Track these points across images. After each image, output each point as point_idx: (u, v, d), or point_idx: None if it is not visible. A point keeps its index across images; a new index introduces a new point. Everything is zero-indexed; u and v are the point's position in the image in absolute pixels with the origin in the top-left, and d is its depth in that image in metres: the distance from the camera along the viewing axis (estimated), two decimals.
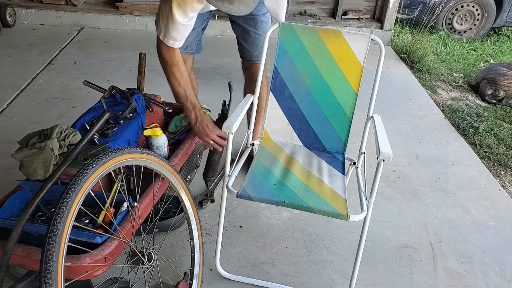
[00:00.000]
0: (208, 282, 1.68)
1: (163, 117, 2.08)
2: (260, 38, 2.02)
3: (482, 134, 2.98)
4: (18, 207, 1.43)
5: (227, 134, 1.54)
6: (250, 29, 2.00)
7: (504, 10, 5.15)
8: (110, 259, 1.26)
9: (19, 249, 1.22)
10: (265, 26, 2.01)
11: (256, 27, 2.00)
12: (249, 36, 2.03)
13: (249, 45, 2.05)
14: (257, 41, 2.03)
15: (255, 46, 2.05)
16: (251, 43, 2.04)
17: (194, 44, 2.10)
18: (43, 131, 1.53)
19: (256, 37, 2.02)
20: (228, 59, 3.85)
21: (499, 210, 2.23)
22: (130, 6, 4.41)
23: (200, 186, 2.19)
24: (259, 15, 1.97)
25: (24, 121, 2.63)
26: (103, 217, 1.36)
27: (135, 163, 1.33)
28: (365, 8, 4.70)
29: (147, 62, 2.06)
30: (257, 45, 2.04)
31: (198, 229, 1.62)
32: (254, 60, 2.09)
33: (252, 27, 2.00)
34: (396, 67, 4.01)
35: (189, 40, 2.00)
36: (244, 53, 2.11)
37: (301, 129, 1.86)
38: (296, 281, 1.72)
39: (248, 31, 2.02)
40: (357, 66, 1.76)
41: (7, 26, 4.00)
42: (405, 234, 2.02)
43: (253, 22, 1.99)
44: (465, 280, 1.80)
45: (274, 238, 1.92)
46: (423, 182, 2.40)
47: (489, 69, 3.78)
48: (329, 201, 1.47)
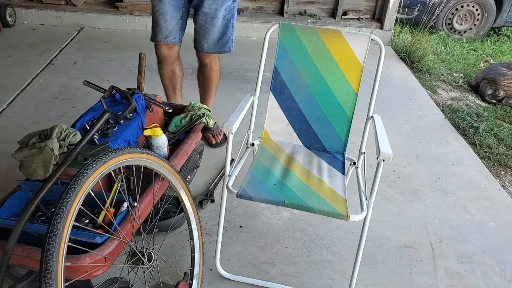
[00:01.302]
0: (208, 282, 1.68)
1: (163, 117, 2.08)
2: (210, 32, 2.16)
3: (482, 134, 2.98)
4: (18, 207, 1.43)
5: (227, 134, 1.53)
6: (202, 23, 2.14)
7: (504, 10, 5.15)
8: (110, 259, 1.26)
9: (19, 249, 1.22)
10: (217, 22, 2.13)
11: (207, 21, 2.13)
12: (200, 29, 2.18)
13: (200, 37, 2.20)
14: (208, 35, 2.18)
15: (205, 39, 2.20)
16: (201, 36, 2.20)
17: (175, 33, 2.18)
18: (43, 131, 1.53)
19: (207, 31, 2.17)
20: (228, 59, 3.85)
21: (499, 210, 2.23)
22: (130, 6, 4.41)
23: (200, 186, 2.20)
24: (212, 11, 2.11)
25: (24, 121, 2.63)
26: (103, 217, 1.36)
27: (135, 163, 1.33)
28: (365, 8, 4.70)
29: (147, 62, 2.07)
30: (208, 38, 2.18)
31: (198, 229, 1.62)
32: (204, 51, 2.25)
33: (203, 21, 2.13)
34: (396, 67, 4.01)
35: (169, 28, 2.13)
36: (195, 43, 2.26)
37: (301, 129, 1.86)
38: (296, 281, 1.72)
39: (201, 25, 2.16)
40: (357, 66, 1.76)
41: (7, 26, 4.00)
42: (405, 234, 2.02)
43: (204, 17, 2.13)
44: (465, 280, 1.80)
45: (274, 238, 1.92)
46: (423, 182, 2.40)
47: (489, 69, 3.78)
48: (329, 201, 1.47)
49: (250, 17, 4.56)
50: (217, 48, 2.23)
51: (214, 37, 2.18)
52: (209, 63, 2.31)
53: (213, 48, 2.22)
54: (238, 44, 4.29)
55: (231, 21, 2.19)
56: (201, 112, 2.06)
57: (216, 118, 2.48)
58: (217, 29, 2.16)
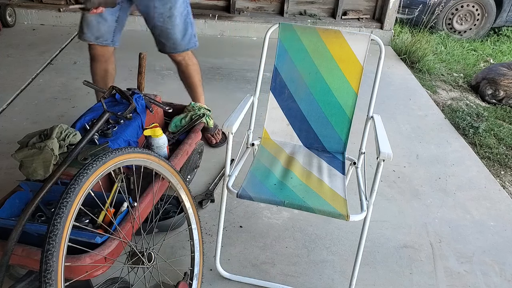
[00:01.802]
0: (208, 282, 1.68)
1: (163, 117, 2.08)
2: (171, 33, 2.10)
3: (482, 134, 2.98)
4: (18, 207, 1.43)
5: (227, 134, 1.53)
6: (160, 25, 2.08)
7: (504, 10, 5.15)
8: (110, 259, 1.26)
9: (19, 249, 1.22)
10: (175, 20, 2.07)
11: (165, 22, 2.07)
12: (161, 31, 2.11)
13: (164, 39, 2.14)
14: (170, 36, 2.11)
15: (169, 40, 2.13)
16: (164, 38, 2.13)
17: (108, 35, 2.11)
18: (43, 131, 1.53)
19: (168, 32, 2.10)
20: (228, 59, 3.85)
21: (499, 210, 2.23)
22: None
23: (200, 186, 2.20)
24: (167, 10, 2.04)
25: (24, 121, 2.63)
26: (103, 217, 1.36)
27: (135, 163, 1.33)
28: (365, 8, 4.70)
29: (147, 62, 2.07)
30: (171, 39, 2.12)
31: (198, 229, 1.62)
32: (172, 52, 2.18)
33: (161, 22, 2.07)
34: (396, 67, 4.01)
35: (101, 31, 2.06)
36: (159, 46, 2.20)
37: (301, 129, 1.86)
38: (296, 281, 1.72)
39: (160, 27, 2.09)
40: (357, 66, 1.76)
41: (7, 26, 3.99)
42: (405, 234, 2.02)
43: (160, 18, 2.06)
44: (465, 280, 1.80)
45: (274, 238, 1.92)
46: (423, 182, 2.40)
47: (489, 69, 3.78)
48: (329, 201, 1.47)
49: (250, 17, 4.56)
50: (183, 46, 2.16)
51: (177, 36, 2.11)
52: (182, 60, 2.25)
53: (180, 47, 2.15)
54: (238, 44, 4.31)
55: (188, 16, 2.12)
56: (201, 112, 2.07)
57: (216, 118, 2.48)
58: (177, 28, 2.09)
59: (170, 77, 3.34)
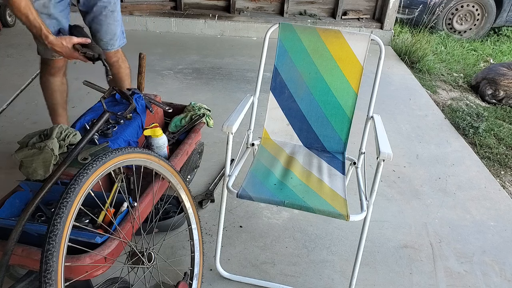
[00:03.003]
0: (208, 282, 1.68)
1: (163, 117, 2.08)
2: (112, 27, 2.00)
3: (482, 134, 2.98)
4: (18, 207, 1.43)
5: (227, 134, 1.53)
6: (103, 19, 1.97)
7: (504, 10, 5.15)
8: (110, 259, 1.26)
9: (19, 249, 1.22)
10: (117, 15, 2.00)
11: (108, 16, 1.97)
12: (102, 26, 1.99)
13: (103, 35, 2.01)
14: (111, 30, 2.01)
15: (109, 35, 2.02)
16: (103, 32, 2.01)
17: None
18: (43, 131, 1.53)
19: (109, 26, 2.00)
20: (228, 59, 3.85)
21: (499, 210, 2.23)
22: (130, 6, 4.41)
23: (200, 186, 2.20)
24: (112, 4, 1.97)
25: (24, 121, 2.63)
26: (103, 217, 1.36)
27: (135, 163, 1.33)
28: (365, 8, 4.70)
29: (147, 62, 2.06)
30: (111, 33, 2.01)
31: (198, 229, 1.62)
32: (109, 48, 2.06)
33: (104, 17, 1.96)
34: (396, 67, 4.01)
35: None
36: (99, 44, 2.05)
37: (301, 129, 1.86)
38: (296, 281, 1.72)
39: (102, 21, 1.98)
40: (357, 66, 1.76)
41: (7, 26, 4.00)
42: (405, 234, 2.02)
43: (104, 11, 1.96)
44: (465, 280, 1.80)
45: (274, 238, 1.92)
46: (423, 182, 2.40)
47: (489, 69, 3.78)
48: (329, 201, 1.47)
49: (250, 17, 4.56)
50: (120, 42, 2.07)
51: (117, 30, 2.03)
52: (116, 61, 2.13)
53: (118, 42, 2.06)
54: (238, 44, 4.31)
55: (120, 11, 2.05)
56: (201, 112, 2.07)
57: (216, 118, 2.48)
58: (118, 22, 2.02)
59: (170, 77, 3.35)
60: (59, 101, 2.14)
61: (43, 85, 2.12)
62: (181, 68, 3.55)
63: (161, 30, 4.42)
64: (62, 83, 2.13)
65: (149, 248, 1.35)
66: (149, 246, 1.36)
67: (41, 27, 1.64)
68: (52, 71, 2.07)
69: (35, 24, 1.64)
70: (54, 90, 2.11)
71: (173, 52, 3.87)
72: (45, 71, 2.09)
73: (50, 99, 2.14)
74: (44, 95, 2.15)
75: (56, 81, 2.10)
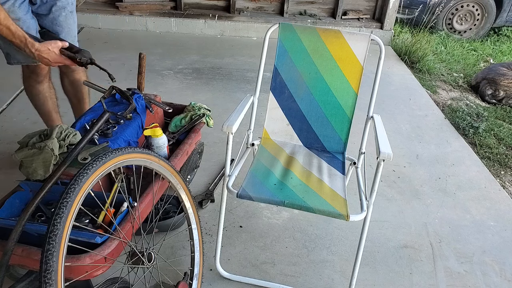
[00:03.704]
0: (208, 282, 1.68)
1: (163, 117, 2.08)
2: (72, 29, 1.90)
3: (482, 134, 2.98)
4: (18, 207, 1.43)
5: (227, 134, 1.53)
6: (63, 20, 1.86)
7: (504, 10, 5.15)
8: (110, 259, 1.26)
9: (19, 249, 1.22)
10: (75, 16, 1.91)
11: (68, 16, 1.87)
12: (63, 28, 1.88)
13: (65, 37, 1.87)
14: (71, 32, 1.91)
15: (70, 37, 1.90)
16: (66, 36, 1.89)
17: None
18: (43, 131, 1.53)
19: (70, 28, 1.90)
20: (228, 59, 3.85)
21: (499, 210, 2.23)
22: (130, 6, 4.41)
23: (200, 186, 2.20)
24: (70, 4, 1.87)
25: (24, 121, 2.63)
26: (103, 217, 1.36)
27: (135, 163, 1.33)
28: (365, 8, 4.70)
29: (147, 62, 2.06)
30: (70, 35, 1.90)
31: (198, 229, 1.62)
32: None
33: (64, 17, 1.86)
34: (396, 67, 4.01)
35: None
36: None
37: (301, 129, 1.86)
38: (296, 281, 1.72)
39: (62, 23, 1.87)
40: (357, 66, 1.76)
41: None
42: (405, 234, 2.02)
43: (63, 12, 1.85)
44: (465, 280, 1.80)
45: (274, 238, 1.92)
46: (423, 182, 2.40)
47: (489, 69, 3.78)
48: (329, 201, 1.47)
49: (250, 17, 4.56)
50: (77, 43, 1.92)
51: (75, 32, 1.92)
52: (78, 73, 2.04)
53: (76, 44, 1.90)
54: (238, 44, 4.31)
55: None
56: (201, 112, 2.07)
57: (216, 118, 2.48)
58: (76, 23, 1.92)
59: (170, 77, 3.35)
60: (52, 107, 2.10)
61: (31, 94, 2.04)
62: (181, 68, 3.55)
63: (161, 30, 4.42)
64: (50, 87, 2.07)
65: (149, 248, 1.35)
66: (149, 246, 1.36)
67: (25, 36, 1.56)
68: (39, 79, 1.99)
69: (19, 34, 1.55)
70: (46, 97, 2.06)
71: (173, 52, 3.87)
72: (31, 80, 1.99)
73: (43, 106, 2.08)
74: (33, 104, 2.08)
75: (45, 88, 2.04)
